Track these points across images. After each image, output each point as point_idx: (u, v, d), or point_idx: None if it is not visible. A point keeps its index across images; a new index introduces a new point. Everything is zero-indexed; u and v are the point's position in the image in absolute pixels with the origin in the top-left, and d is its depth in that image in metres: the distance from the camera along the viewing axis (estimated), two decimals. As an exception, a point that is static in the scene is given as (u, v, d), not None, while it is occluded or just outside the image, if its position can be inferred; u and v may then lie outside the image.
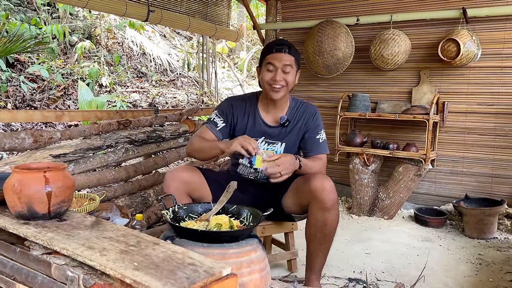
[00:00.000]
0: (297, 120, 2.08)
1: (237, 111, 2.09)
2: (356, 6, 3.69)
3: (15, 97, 4.91)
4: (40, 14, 5.90)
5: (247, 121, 2.08)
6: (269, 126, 2.07)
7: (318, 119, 2.10)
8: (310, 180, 1.81)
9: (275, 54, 1.94)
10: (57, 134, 2.41)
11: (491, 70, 3.25)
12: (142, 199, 2.84)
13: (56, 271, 0.99)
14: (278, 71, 1.93)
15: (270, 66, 1.95)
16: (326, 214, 1.81)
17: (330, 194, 1.79)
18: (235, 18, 9.17)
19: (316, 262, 1.94)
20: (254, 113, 2.09)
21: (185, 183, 1.87)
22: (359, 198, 3.45)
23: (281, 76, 1.93)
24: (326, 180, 1.80)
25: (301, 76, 2.16)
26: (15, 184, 1.13)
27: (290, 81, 1.96)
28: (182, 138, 3.38)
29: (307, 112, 2.09)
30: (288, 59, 1.94)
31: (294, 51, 1.99)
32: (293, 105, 2.11)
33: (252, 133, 2.05)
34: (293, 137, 2.07)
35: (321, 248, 1.91)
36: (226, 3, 4.21)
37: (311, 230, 1.89)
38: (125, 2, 2.97)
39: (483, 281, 2.31)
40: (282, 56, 1.93)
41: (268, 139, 2.07)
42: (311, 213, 1.85)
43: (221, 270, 0.88)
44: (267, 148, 2.07)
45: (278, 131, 2.07)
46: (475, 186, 3.36)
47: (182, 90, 7.15)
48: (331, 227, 1.86)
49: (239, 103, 2.12)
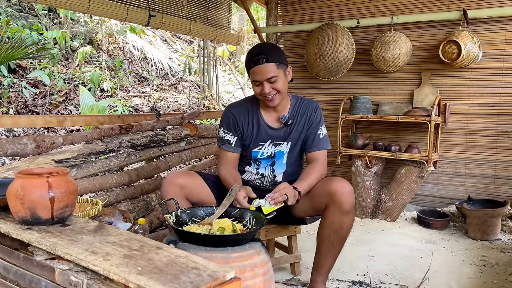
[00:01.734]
0: (300, 117, 2.07)
1: (240, 119, 2.07)
2: (357, 9, 3.70)
3: (17, 103, 4.92)
4: (41, 20, 5.93)
5: (252, 127, 2.07)
6: (274, 129, 2.06)
7: (320, 114, 2.09)
8: (330, 183, 1.81)
9: (254, 68, 1.89)
10: (59, 139, 2.41)
11: (492, 71, 3.25)
12: (144, 203, 2.83)
13: (60, 277, 0.99)
14: (264, 84, 1.89)
15: (255, 82, 1.92)
16: (344, 218, 1.82)
17: (350, 198, 1.79)
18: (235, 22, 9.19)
19: (325, 265, 1.94)
20: (258, 118, 2.07)
21: (182, 187, 1.88)
22: (361, 201, 3.44)
23: (268, 87, 1.89)
24: (346, 184, 1.81)
25: (302, 79, 2.17)
26: (18, 190, 1.13)
27: (280, 87, 1.91)
28: (184, 142, 3.38)
29: (309, 107, 2.07)
30: (269, 69, 1.86)
31: (275, 54, 1.90)
32: (294, 102, 2.09)
33: (258, 139, 2.06)
34: (297, 134, 2.06)
35: (332, 251, 1.91)
36: (227, 7, 4.22)
37: (325, 232, 1.88)
38: (126, 7, 2.98)
39: (487, 283, 2.30)
40: (261, 69, 1.87)
41: (274, 141, 2.06)
42: (328, 215, 1.84)
43: (224, 274, 0.88)
44: (274, 150, 2.05)
45: (283, 132, 2.06)
46: (478, 187, 3.36)
47: (184, 94, 7.15)
48: (346, 231, 1.86)
49: (239, 110, 2.09)
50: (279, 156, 2.07)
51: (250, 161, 2.10)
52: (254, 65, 1.88)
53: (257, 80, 1.90)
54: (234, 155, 2.09)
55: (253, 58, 1.89)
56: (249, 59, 1.92)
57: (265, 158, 2.07)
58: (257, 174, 2.10)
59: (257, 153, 2.07)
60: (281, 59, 1.93)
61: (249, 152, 2.08)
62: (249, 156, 2.09)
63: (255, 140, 2.06)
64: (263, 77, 1.87)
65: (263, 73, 1.87)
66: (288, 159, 2.08)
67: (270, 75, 1.87)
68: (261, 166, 2.09)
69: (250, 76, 1.94)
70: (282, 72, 1.92)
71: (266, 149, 2.06)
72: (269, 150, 2.06)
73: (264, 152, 2.06)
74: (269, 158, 2.07)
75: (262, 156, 2.07)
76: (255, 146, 2.07)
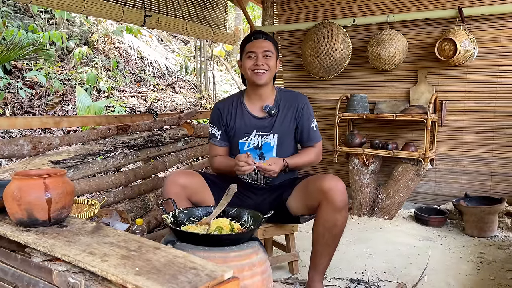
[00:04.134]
0: (287, 109, 2.08)
1: (224, 113, 2.12)
2: (353, 7, 3.70)
3: (13, 104, 4.91)
4: (37, 21, 5.91)
5: (236, 117, 2.09)
6: (258, 118, 2.08)
7: (309, 108, 2.13)
8: (322, 180, 1.81)
9: (254, 42, 2.02)
10: (56, 140, 2.40)
11: (488, 69, 3.26)
12: (142, 203, 2.83)
13: (58, 278, 0.99)
14: (259, 56, 1.99)
15: (250, 54, 2.01)
16: (337, 215, 1.81)
17: (342, 195, 1.80)
18: (231, 21, 9.18)
19: (321, 263, 1.94)
20: (242, 108, 2.10)
21: (184, 187, 1.88)
22: (359, 199, 3.45)
23: (262, 60, 1.99)
24: (338, 181, 1.82)
25: (299, 77, 2.19)
26: (15, 191, 1.13)
27: (272, 66, 2.02)
28: (181, 142, 3.38)
29: (297, 101, 2.10)
30: (267, 45, 2.01)
31: (272, 38, 2.07)
32: (280, 94, 2.12)
33: (243, 129, 2.07)
34: (285, 126, 2.07)
35: (328, 249, 1.91)
36: (223, 6, 4.22)
37: (319, 230, 1.88)
38: (121, 7, 2.97)
39: (485, 279, 2.31)
40: (261, 42, 2.01)
41: (260, 131, 2.07)
42: (321, 213, 1.84)
43: (223, 274, 0.88)
44: (261, 140, 2.07)
45: (267, 122, 2.07)
46: (475, 184, 3.37)
47: (180, 94, 7.15)
48: (340, 228, 1.86)
49: (224, 104, 2.15)
50: (268, 149, 2.06)
51: None
52: (254, 39, 2.03)
53: (253, 51, 2.00)
54: (221, 149, 2.14)
55: (254, 34, 2.06)
56: (248, 36, 2.07)
57: (252, 149, 2.07)
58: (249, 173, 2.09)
59: (244, 144, 2.08)
60: (276, 46, 2.08)
61: (235, 144, 2.10)
62: (238, 151, 2.08)
63: (240, 130, 2.08)
64: (260, 49, 2.00)
65: (261, 46, 2.01)
66: (279, 153, 2.07)
67: (267, 49, 2.00)
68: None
69: (245, 50, 2.04)
70: (275, 55, 2.04)
71: (252, 140, 2.07)
72: (255, 141, 2.07)
73: (251, 143, 2.07)
74: (256, 149, 2.07)
75: (248, 147, 2.07)
76: (241, 136, 2.08)
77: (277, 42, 2.11)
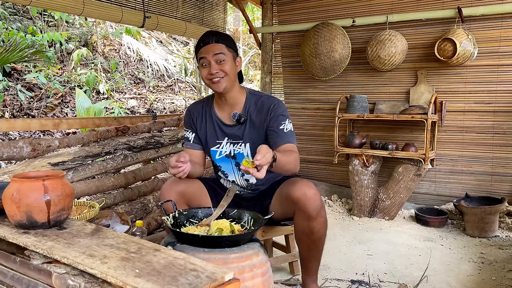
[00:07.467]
0: (256, 115, 1.92)
1: (195, 116, 2.03)
2: (352, 8, 3.70)
3: (13, 106, 4.90)
4: (36, 23, 5.91)
5: (206, 123, 2.01)
6: (228, 126, 1.96)
7: (279, 109, 1.89)
8: (292, 189, 1.73)
9: (203, 48, 1.85)
10: (55, 142, 2.40)
11: (488, 69, 3.25)
12: (141, 205, 2.82)
13: (57, 280, 0.98)
14: (211, 63, 1.83)
15: (203, 61, 1.86)
16: (311, 223, 1.75)
17: (314, 202, 1.70)
18: (231, 22, 9.18)
19: (309, 266, 1.92)
20: (211, 114, 2.00)
21: (182, 194, 1.83)
22: (359, 200, 3.44)
23: (216, 68, 1.83)
24: (307, 188, 1.71)
25: (298, 78, 2.15)
26: (14, 193, 1.12)
27: (228, 70, 1.84)
28: (181, 143, 3.37)
29: (265, 105, 1.91)
30: (217, 48, 1.83)
31: (224, 38, 1.89)
32: (251, 99, 1.95)
33: (214, 135, 1.98)
34: (255, 135, 1.91)
35: (311, 253, 1.87)
36: (222, 7, 4.22)
37: (299, 236, 1.84)
38: (120, 9, 2.97)
39: (486, 279, 2.30)
40: (211, 47, 1.84)
41: (231, 139, 1.96)
42: (297, 221, 1.80)
43: (223, 275, 0.88)
44: (234, 149, 1.95)
45: (237, 129, 1.94)
46: (475, 184, 3.36)
47: (180, 95, 7.15)
48: (319, 234, 1.80)
49: (196, 106, 2.06)
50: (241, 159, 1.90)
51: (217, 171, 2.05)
52: (203, 45, 1.85)
53: (205, 58, 1.84)
54: (195, 152, 2.02)
55: (203, 39, 1.87)
56: (198, 42, 1.89)
57: (224, 158, 1.97)
58: (230, 183, 2.04)
59: (215, 152, 1.99)
60: (230, 44, 1.90)
61: (208, 151, 2.02)
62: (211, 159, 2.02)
63: (210, 137, 1.99)
64: (210, 54, 1.83)
65: (211, 51, 1.83)
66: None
67: (219, 52, 1.83)
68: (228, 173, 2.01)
69: (199, 59, 1.88)
70: (231, 56, 1.87)
71: (224, 148, 1.97)
72: (227, 149, 1.96)
73: (223, 151, 1.97)
74: (230, 158, 1.98)
75: (220, 156, 1.98)
76: (212, 144, 1.99)
77: (232, 39, 1.95)
